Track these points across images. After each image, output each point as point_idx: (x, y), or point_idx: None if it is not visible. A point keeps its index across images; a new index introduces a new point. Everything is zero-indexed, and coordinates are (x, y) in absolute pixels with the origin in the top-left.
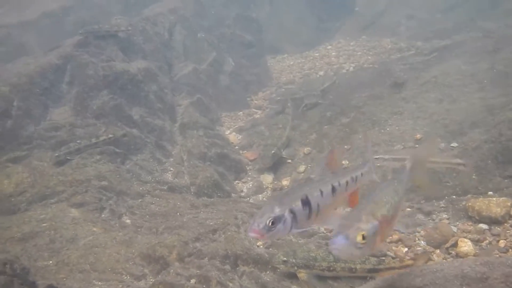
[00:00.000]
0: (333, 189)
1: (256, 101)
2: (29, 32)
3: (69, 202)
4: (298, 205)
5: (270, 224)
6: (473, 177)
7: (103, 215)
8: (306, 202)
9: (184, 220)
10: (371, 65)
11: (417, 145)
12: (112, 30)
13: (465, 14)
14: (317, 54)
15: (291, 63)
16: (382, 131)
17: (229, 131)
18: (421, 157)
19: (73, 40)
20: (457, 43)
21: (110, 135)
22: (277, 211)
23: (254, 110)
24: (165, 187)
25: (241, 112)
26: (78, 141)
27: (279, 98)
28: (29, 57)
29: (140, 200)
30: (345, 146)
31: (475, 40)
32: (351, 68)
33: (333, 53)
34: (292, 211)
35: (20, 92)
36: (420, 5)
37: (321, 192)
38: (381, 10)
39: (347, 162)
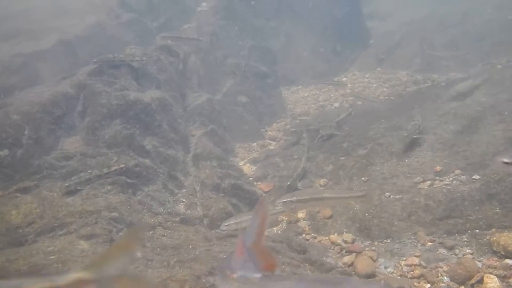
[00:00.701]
0: None
1: (270, 132)
2: (44, 61)
3: (78, 234)
4: None
5: None
6: (497, 210)
7: None
8: None
9: (197, 253)
10: (386, 97)
11: (437, 177)
12: (126, 60)
13: (481, 47)
14: (331, 86)
15: (306, 94)
16: (401, 162)
17: (243, 162)
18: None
19: (87, 69)
20: (474, 75)
21: (122, 165)
22: None
23: (268, 141)
24: (177, 219)
25: (255, 143)
26: (89, 171)
27: (293, 129)
28: (42, 85)
29: (151, 232)
30: (363, 178)
31: (493, 72)
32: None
33: (348, 85)
34: None
35: (32, 121)
36: (436, 36)
37: None
38: (396, 42)
39: None
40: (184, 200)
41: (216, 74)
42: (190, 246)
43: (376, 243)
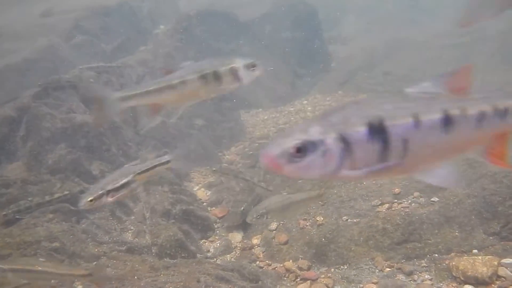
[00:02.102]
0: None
1: (228, 156)
2: None
3: None
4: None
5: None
6: (456, 234)
7: (52, 281)
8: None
9: (142, 284)
10: None
11: (395, 200)
12: (73, 81)
13: (441, 70)
14: (292, 109)
15: (266, 117)
16: (359, 185)
17: (197, 187)
18: None
19: (31, 91)
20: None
21: (66, 192)
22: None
23: (226, 165)
24: (124, 248)
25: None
26: (29, 199)
27: (251, 152)
28: None
29: (95, 262)
30: (320, 203)
31: None
32: None
33: (309, 108)
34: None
35: None
36: (398, 62)
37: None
38: (358, 67)
39: (322, 218)
40: (132, 228)
41: None
42: (136, 277)
43: (332, 269)
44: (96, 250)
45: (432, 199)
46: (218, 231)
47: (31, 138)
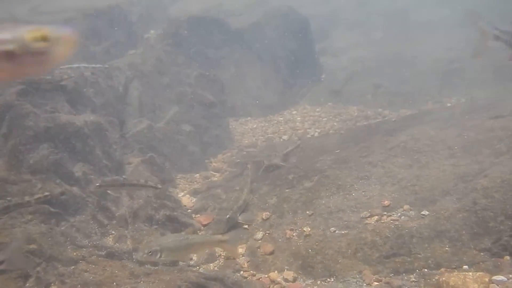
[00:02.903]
0: None
1: (215, 164)
2: None
3: None
4: None
5: None
6: (446, 248)
7: (27, 284)
8: None
9: None
10: (336, 131)
11: (385, 212)
12: (54, 81)
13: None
14: (281, 119)
15: (254, 126)
16: (348, 196)
17: (182, 193)
18: None
19: (16, 89)
20: (425, 112)
21: (46, 193)
22: None
23: (212, 172)
24: (103, 253)
25: (197, 174)
26: (8, 199)
27: (238, 160)
28: None
29: (72, 267)
30: (307, 212)
31: (442, 109)
32: (316, 134)
33: (298, 118)
34: None
35: None
36: (389, 75)
37: None
38: (348, 78)
39: (309, 229)
40: (113, 232)
41: (160, 100)
42: (114, 283)
43: (318, 282)
44: (74, 254)
45: (422, 213)
46: None
47: (13, 136)
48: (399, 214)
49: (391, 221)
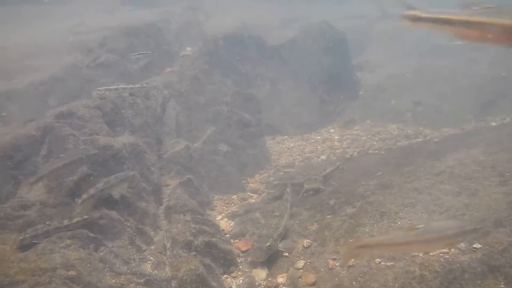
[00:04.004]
0: None
1: (252, 184)
2: (15, 101)
3: None
4: None
5: None
6: (502, 286)
7: None
8: None
9: None
10: (376, 151)
11: None
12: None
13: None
14: (319, 137)
15: (291, 145)
16: (392, 224)
17: (220, 216)
18: None
19: (55, 110)
20: (469, 132)
21: (85, 217)
22: None
23: (249, 193)
24: (142, 280)
25: (235, 196)
26: (47, 223)
27: (277, 182)
28: (8, 127)
29: None
30: (351, 240)
31: (488, 130)
32: (355, 154)
33: (336, 137)
34: None
35: None
36: (426, 90)
37: None
38: (387, 95)
39: (352, 259)
40: (151, 259)
41: (197, 120)
42: None
43: None
44: (113, 281)
45: (474, 246)
46: (241, 266)
47: (52, 159)
48: None
49: (441, 254)
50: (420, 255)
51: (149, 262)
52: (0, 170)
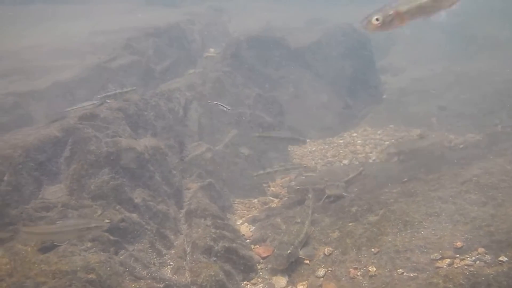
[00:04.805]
0: None
1: (273, 188)
2: (39, 101)
3: None
4: None
5: None
6: None
7: None
8: None
9: None
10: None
11: (457, 255)
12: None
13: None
14: (341, 141)
15: (313, 148)
16: (416, 234)
17: (241, 221)
18: None
19: (78, 112)
20: (495, 138)
21: (106, 220)
22: None
23: (270, 198)
24: (162, 285)
25: (256, 200)
26: None
27: (298, 187)
28: (31, 128)
29: None
30: (372, 249)
31: None
32: (378, 159)
33: (359, 141)
34: None
35: (13, 166)
36: (452, 96)
37: None
38: (410, 98)
39: (374, 269)
40: (171, 263)
41: (219, 123)
42: None
43: None
44: (133, 285)
45: (500, 258)
46: (261, 273)
47: (75, 161)
48: (473, 258)
49: (466, 267)
50: (444, 266)
51: (168, 266)
52: (23, 171)
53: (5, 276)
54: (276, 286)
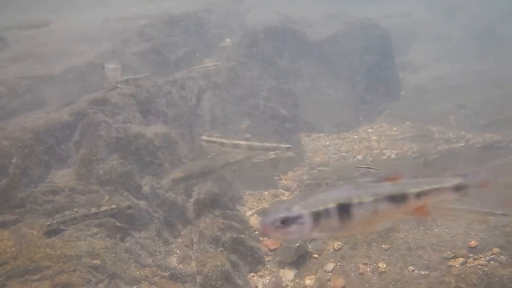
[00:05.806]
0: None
1: (284, 181)
2: (52, 85)
3: (53, 282)
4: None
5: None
6: None
7: None
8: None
9: None
10: (415, 154)
11: (471, 254)
12: None
13: None
14: (356, 136)
15: (327, 143)
16: (429, 232)
17: (250, 212)
18: None
19: (89, 96)
20: None
21: (113, 206)
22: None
23: (281, 191)
24: (167, 274)
25: (266, 192)
26: (75, 209)
27: (309, 181)
28: (42, 111)
29: (135, 286)
30: (383, 246)
31: None
32: (393, 155)
33: (374, 137)
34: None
35: (22, 149)
36: (472, 94)
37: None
38: (429, 96)
39: (385, 265)
40: (178, 252)
41: (232, 113)
42: None
43: None
44: (138, 273)
45: None
46: (268, 265)
47: (84, 145)
48: (487, 258)
49: (479, 266)
50: (457, 266)
51: (175, 255)
52: (32, 154)
53: (10, 259)
54: (283, 279)
